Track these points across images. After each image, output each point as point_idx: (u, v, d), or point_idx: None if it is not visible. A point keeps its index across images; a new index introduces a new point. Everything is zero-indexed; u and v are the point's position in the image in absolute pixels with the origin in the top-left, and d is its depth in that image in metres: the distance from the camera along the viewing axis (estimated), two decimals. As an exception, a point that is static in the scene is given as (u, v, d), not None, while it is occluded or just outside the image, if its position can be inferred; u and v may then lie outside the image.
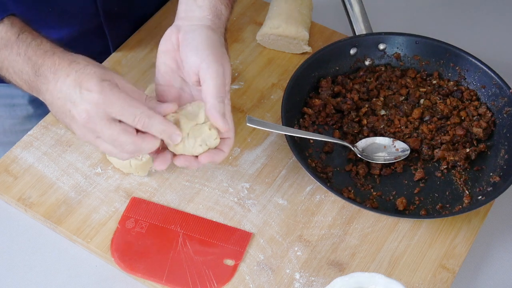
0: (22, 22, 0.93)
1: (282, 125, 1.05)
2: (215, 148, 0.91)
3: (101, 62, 0.85)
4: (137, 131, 0.86)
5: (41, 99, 0.91)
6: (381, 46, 1.17)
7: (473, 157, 1.07)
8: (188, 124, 0.89)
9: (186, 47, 0.91)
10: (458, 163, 1.06)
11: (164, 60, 0.93)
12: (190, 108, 0.91)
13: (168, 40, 0.93)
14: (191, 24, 0.93)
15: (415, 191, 1.05)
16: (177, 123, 0.88)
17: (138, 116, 0.85)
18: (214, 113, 0.88)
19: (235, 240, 0.99)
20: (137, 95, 0.88)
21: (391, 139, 1.08)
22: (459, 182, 1.05)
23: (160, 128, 0.86)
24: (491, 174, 1.05)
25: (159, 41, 1.01)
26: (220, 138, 0.91)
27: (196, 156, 0.90)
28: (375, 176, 1.06)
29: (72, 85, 0.85)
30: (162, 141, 0.88)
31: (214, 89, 0.89)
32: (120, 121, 0.85)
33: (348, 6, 1.19)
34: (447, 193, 1.05)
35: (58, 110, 0.88)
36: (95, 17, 1.17)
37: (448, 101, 1.13)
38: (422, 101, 1.14)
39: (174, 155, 0.90)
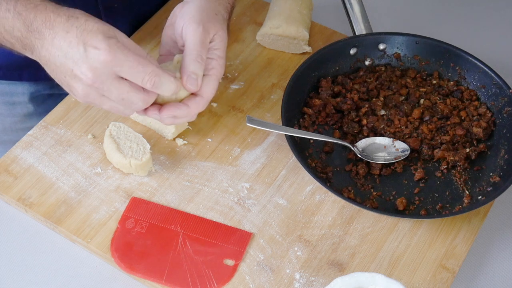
0: None
1: (282, 125, 1.05)
2: (180, 101, 0.94)
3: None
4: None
5: (35, 57, 0.89)
6: (381, 46, 1.17)
7: (473, 157, 1.07)
8: None
9: (179, 14, 0.97)
10: (458, 163, 1.06)
11: (167, 31, 0.99)
12: (170, 64, 0.96)
13: (173, 14, 0.99)
14: None
15: (415, 191, 1.05)
16: None
17: (148, 76, 0.85)
18: (182, 69, 0.92)
19: (235, 240, 0.99)
20: (141, 52, 0.88)
21: (391, 139, 1.08)
22: (459, 182, 1.05)
23: (169, 87, 0.88)
24: (491, 174, 1.05)
25: (159, 41, 1.02)
26: (193, 94, 0.95)
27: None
28: (375, 176, 1.06)
29: (75, 43, 0.83)
30: None
31: (188, 47, 0.93)
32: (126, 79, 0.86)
33: (348, 6, 1.19)
34: (447, 193, 1.05)
35: (56, 69, 0.86)
36: (95, 13, 1.17)
37: (448, 101, 1.13)
38: (422, 101, 1.14)
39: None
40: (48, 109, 1.12)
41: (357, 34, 1.18)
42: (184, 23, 0.94)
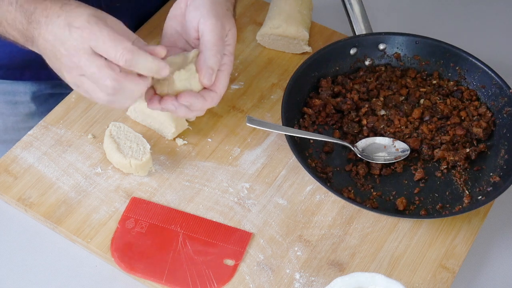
0: None
1: (282, 125, 1.05)
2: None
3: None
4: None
5: (35, 49, 0.91)
6: (381, 46, 1.17)
7: (473, 157, 1.07)
8: (174, 67, 0.92)
9: (190, 7, 0.95)
10: (458, 163, 1.06)
11: (171, 23, 0.98)
12: (179, 58, 0.94)
13: (177, 5, 0.98)
14: None
15: (415, 191, 1.05)
16: None
17: (120, 51, 0.84)
18: (201, 63, 0.92)
19: (235, 240, 0.99)
20: (126, 34, 0.87)
21: (391, 139, 1.08)
22: (459, 182, 1.05)
23: (145, 65, 0.86)
24: (491, 174, 1.05)
25: (160, 41, 1.01)
26: (205, 88, 0.94)
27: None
28: (375, 176, 1.06)
29: (62, 25, 0.85)
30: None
31: (209, 41, 0.92)
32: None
33: (348, 6, 1.19)
34: (447, 193, 1.05)
35: (50, 54, 0.87)
36: None
37: (448, 101, 1.13)
38: (422, 101, 1.14)
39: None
40: (50, 108, 1.12)
41: (357, 34, 1.18)
42: (202, 17, 0.93)
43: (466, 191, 1.04)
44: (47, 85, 1.26)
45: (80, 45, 0.85)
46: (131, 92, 0.88)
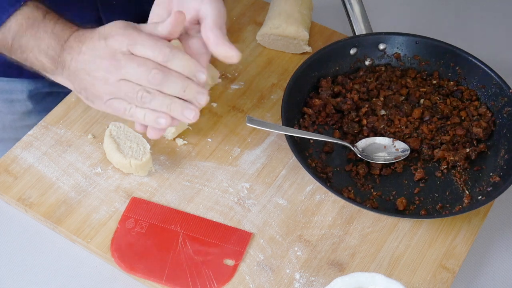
0: (46, 6, 0.95)
1: (282, 125, 1.05)
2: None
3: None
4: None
5: (64, 76, 0.92)
6: (381, 46, 1.17)
7: (473, 157, 1.07)
8: None
9: None
10: (458, 163, 1.06)
11: (157, 11, 0.96)
12: None
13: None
14: None
15: (415, 191, 1.05)
16: None
17: (159, 47, 0.86)
18: (223, 42, 0.91)
19: (235, 240, 0.99)
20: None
21: (391, 139, 1.08)
22: (459, 182, 1.05)
23: (182, 63, 0.87)
24: (491, 174, 1.05)
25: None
26: None
27: None
28: (375, 176, 1.06)
29: (97, 39, 0.88)
30: None
31: (218, 22, 0.91)
32: None
33: (348, 6, 1.19)
34: (447, 193, 1.05)
35: (83, 74, 0.89)
36: (94, 10, 1.17)
37: (448, 101, 1.13)
38: (422, 101, 1.14)
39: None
40: (47, 107, 1.13)
41: (357, 34, 1.18)
42: (202, 1, 0.93)
43: (466, 191, 1.04)
44: (44, 83, 1.26)
45: (118, 49, 0.87)
46: (173, 87, 0.87)
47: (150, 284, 0.96)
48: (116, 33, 0.88)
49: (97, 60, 0.88)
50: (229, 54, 0.92)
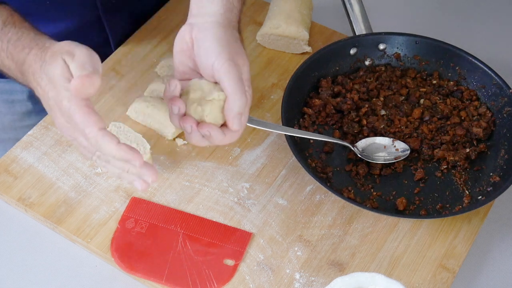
0: (10, 10, 0.92)
1: (282, 125, 1.05)
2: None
3: (101, 56, 0.84)
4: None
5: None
6: (381, 46, 1.17)
7: (473, 157, 1.07)
8: (196, 94, 0.88)
9: (198, 49, 0.90)
10: (458, 163, 1.06)
11: (181, 59, 0.92)
12: (206, 85, 0.90)
13: (182, 39, 0.92)
14: (203, 21, 0.91)
15: (415, 191, 1.05)
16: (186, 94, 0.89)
17: (86, 133, 0.81)
18: (228, 110, 0.88)
19: (235, 240, 0.99)
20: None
21: (391, 139, 1.08)
22: (459, 182, 1.05)
23: (110, 153, 0.82)
24: (491, 174, 1.05)
25: (160, 41, 1.01)
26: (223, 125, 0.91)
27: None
28: (375, 176, 1.06)
29: (47, 80, 0.83)
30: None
31: (230, 86, 0.87)
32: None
33: (348, 6, 1.19)
34: (447, 193, 1.05)
35: (45, 104, 0.87)
36: (94, 10, 1.17)
37: (448, 101, 1.13)
38: (422, 101, 1.14)
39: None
40: None
41: (357, 34, 1.18)
42: (216, 61, 0.88)
43: (466, 191, 1.04)
44: None
45: (62, 116, 0.83)
46: (116, 171, 0.85)
47: (150, 284, 0.96)
48: (58, 96, 0.82)
49: (51, 113, 0.85)
50: (231, 126, 0.89)
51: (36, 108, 1.27)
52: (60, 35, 0.94)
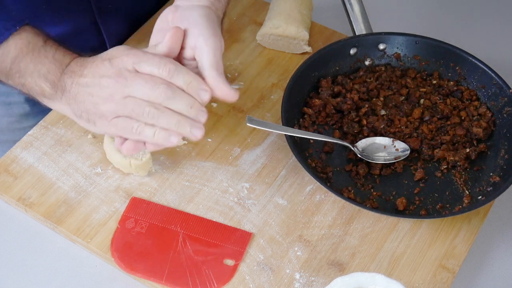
0: (45, 33, 0.96)
1: (282, 125, 1.05)
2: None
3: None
4: None
5: (62, 101, 0.92)
6: (381, 46, 1.17)
7: (473, 157, 1.07)
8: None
9: (182, 23, 0.92)
10: (458, 163, 1.06)
11: (157, 38, 0.95)
12: None
13: (164, 19, 0.95)
14: (190, 4, 0.94)
15: (415, 191, 1.05)
16: None
17: (163, 63, 0.86)
18: (220, 84, 0.89)
19: (235, 240, 0.99)
20: None
21: (391, 139, 1.08)
22: (459, 182, 1.05)
23: (187, 79, 0.86)
24: (491, 174, 1.05)
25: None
26: None
27: None
28: (375, 176, 1.06)
29: (100, 61, 0.89)
30: None
31: (214, 61, 0.90)
32: None
33: (348, 6, 1.19)
34: (447, 193, 1.05)
35: (83, 96, 0.89)
36: (89, 13, 1.17)
37: (448, 101, 1.13)
38: (422, 101, 1.14)
39: None
40: (44, 109, 1.12)
41: (357, 34, 1.18)
42: (200, 35, 0.90)
43: (466, 191, 1.04)
44: None
45: (124, 67, 0.87)
46: (179, 104, 0.86)
47: (150, 284, 0.96)
48: (121, 54, 0.88)
49: (102, 79, 0.88)
50: (226, 94, 0.90)
51: (33, 110, 1.27)
52: (57, 39, 0.95)
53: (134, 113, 0.86)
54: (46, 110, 1.12)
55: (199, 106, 0.87)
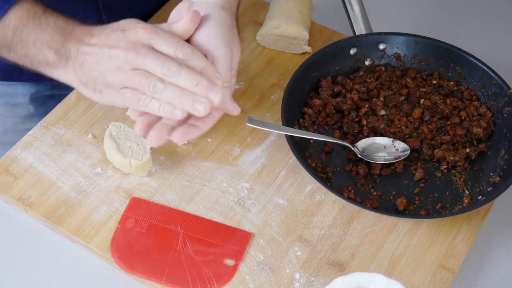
0: (44, 3, 0.95)
1: (282, 125, 1.05)
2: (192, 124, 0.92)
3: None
4: None
5: (67, 69, 0.91)
6: (381, 46, 1.17)
7: (473, 157, 1.07)
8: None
9: (200, 26, 0.93)
10: (458, 163, 1.06)
11: (175, 17, 0.96)
12: None
13: (178, 13, 0.95)
14: (205, 1, 0.94)
15: (415, 191, 1.05)
16: None
17: (181, 45, 0.86)
18: (225, 98, 0.90)
19: (235, 240, 0.99)
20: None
21: (391, 139, 1.08)
22: (459, 182, 1.05)
23: (202, 63, 0.87)
24: (491, 174, 1.05)
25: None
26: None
27: None
28: (375, 176, 1.06)
29: (111, 31, 0.89)
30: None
31: (222, 73, 0.90)
32: None
33: (348, 6, 1.19)
34: (447, 193, 1.05)
35: (91, 63, 0.88)
36: (96, 13, 1.17)
37: (448, 101, 1.13)
38: (422, 101, 1.14)
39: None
40: (48, 110, 1.12)
41: (357, 34, 1.18)
42: (210, 43, 0.91)
43: (466, 191, 1.04)
44: (45, 87, 1.26)
45: (139, 40, 0.87)
46: (187, 80, 0.86)
47: (150, 284, 0.96)
48: (136, 26, 0.88)
49: (113, 50, 0.87)
50: (227, 110, 0.93)
51: (38, 111, 1.27)
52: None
53: (141, 86, 0.87)
54: (50, 111, 1.12)
55: (207, 83, 0.87)
